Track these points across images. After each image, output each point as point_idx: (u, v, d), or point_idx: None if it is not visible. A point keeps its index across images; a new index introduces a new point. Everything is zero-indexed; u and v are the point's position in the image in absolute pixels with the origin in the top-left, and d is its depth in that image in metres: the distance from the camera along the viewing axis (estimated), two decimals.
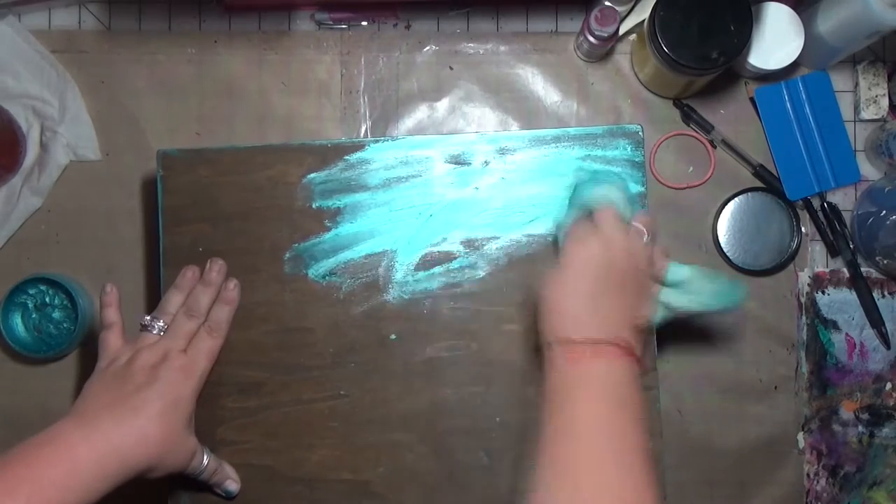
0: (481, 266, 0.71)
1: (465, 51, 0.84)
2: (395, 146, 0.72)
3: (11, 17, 0.82)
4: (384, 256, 0.71)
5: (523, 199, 0.72)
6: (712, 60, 0.73)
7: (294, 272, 0.71)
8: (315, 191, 0.71)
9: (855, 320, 0.83)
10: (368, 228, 0.71)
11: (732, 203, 0.83)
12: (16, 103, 0.81)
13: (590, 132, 0.72)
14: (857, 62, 0.84)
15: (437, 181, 0.72)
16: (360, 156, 0.72)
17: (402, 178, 0.72)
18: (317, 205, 0.71)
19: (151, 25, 0.84)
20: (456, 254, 0.71)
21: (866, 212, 0.81)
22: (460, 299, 0.71)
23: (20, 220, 0.81)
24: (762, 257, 0.82)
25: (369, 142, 0.72)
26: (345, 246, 0.71)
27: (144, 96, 0.83)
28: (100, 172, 0.82)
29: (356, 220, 0.71)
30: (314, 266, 0.71)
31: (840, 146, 0.82)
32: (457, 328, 0.71)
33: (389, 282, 0.71)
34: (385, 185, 0.72)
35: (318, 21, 0.84)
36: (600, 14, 0.75)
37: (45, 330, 0.80)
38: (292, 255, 0.71)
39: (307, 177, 0.71)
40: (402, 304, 0.71)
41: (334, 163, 0.72)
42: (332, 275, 0.71)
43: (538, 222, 0.71)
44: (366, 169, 0.72)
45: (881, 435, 0.82)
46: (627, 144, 0.72)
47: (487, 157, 0.72)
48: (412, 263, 0.71)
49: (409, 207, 0.71)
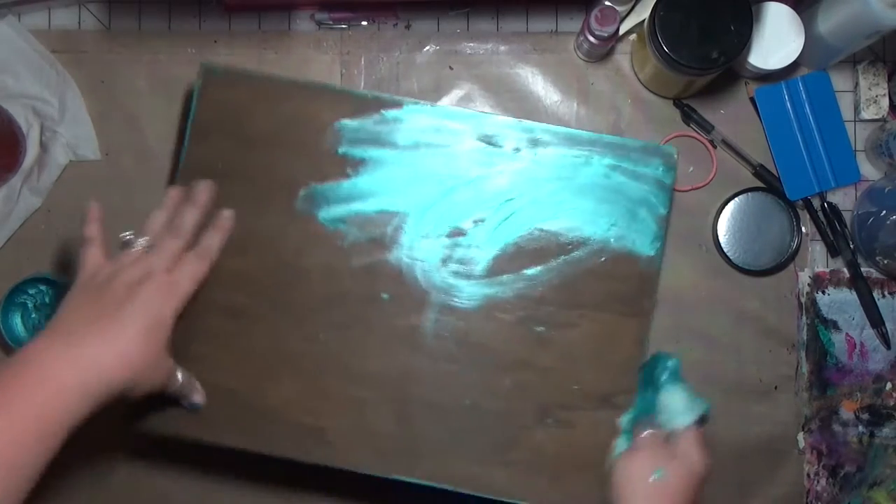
0: (488, 249, 0.71)
1: (465, 51, 0.84)
2: (432, 112, 0.72)
3: (11, 17, 0.82)
4: (395, 217, 0.71)
5: (544, 195, 0.71)
6: (712, 60, 0.73)
7: (304, 211, 0.70)
8: (344, 137, 0.71)
9: (855, 320, 0.83)
10: (387, 186, 0.71)
11: (732, 203, 0.83)
12: (16, 103, 0.81)
13: (625, 143, 0.71)
14: (858, 62, 0.84)
15: (465, 156, 0.71)
16: (396, 114, 0.71)
17: (432, 144, 0.71)
18: (342, 151, 0.71)
19: (151, 25, 0.84)
20: (465, 231, 0.71)
21: (866, 212, 0.81)
22: (459, 277, 0.71)
23: (20, 220, 0.81)
24: (762, 257, 0.82)
25: (408, 102, 0.72)
26: (360, 197, 0.71)
27: (144, 96, 0.83)
28: (100, 172, 0.82)
29: (376, 175, 0.71)
30: (325, 209, 0.70)
31: (840, 146, 0.82)
32: (448, 303, 0.70)
33: (395, 242, 0.70)
34: (413, 147, 0.71)
35: (318, 21, 0.84)
36: (600, 14, 0.75)
37: (41, 327, 0.79)
38: (307, 194, 0.70)
39: (339, 122, 0.71)
40: (402, 267, 0.70)
41: (369, 114, 0.71)
42: (340, 222, 0.70)
43: (554, 221, 0.71)
44: (398, 127, 0.71)
45: (881, 435, 0.82)
46: (660, 165, 0.71)
47: (519, 143, 0.71)
48: (421, 230, 0.71)
49: (430, 175, 0.71)
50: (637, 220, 0.71)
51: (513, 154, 0.72)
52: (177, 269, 0.65)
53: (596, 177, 0.71)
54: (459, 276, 0.71)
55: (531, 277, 0.71)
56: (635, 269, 0.71)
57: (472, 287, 0.71)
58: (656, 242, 0.71)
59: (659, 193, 0.71)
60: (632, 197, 0.71)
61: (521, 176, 0.72)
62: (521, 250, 0.71)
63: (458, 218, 0.71)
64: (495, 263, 0.71)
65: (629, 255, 0.71)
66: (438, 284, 0.70)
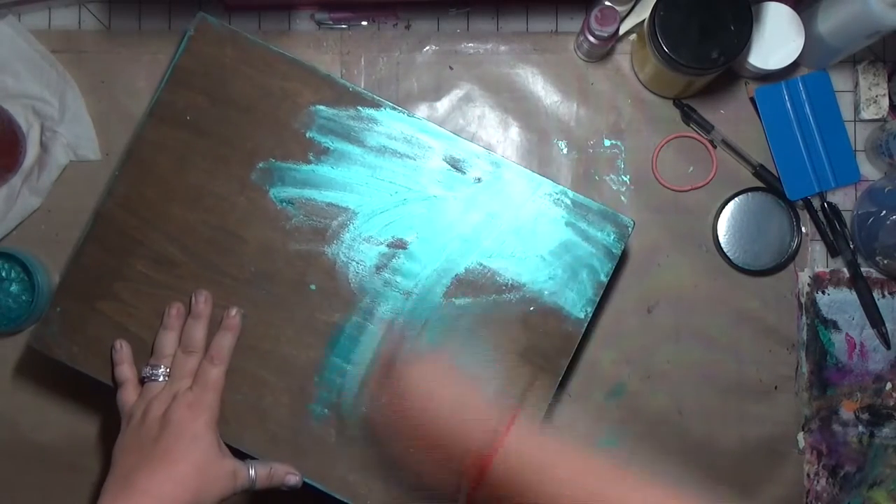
0: (425, 268, 0.71)
1: (465, 51, 0.84)
2: (408, 122, 0.72)
3: (11, 16, 0.82)
4: (344, 212, 0.71)
5: (493, 231, 0.71)
6: (712, 60, 0.73)
7: (259, 183, 0.71)
8: (316, 122, 0.71)
9: (855, 320, 0.83)
10: (344, 181, 0.71)
11: (732, 203, 0.83)
12: (16, 103, 0.81)
13: (586, 203, 0.71)
14: (857, 62, 0.84)
15: (427, 173, 0.71)
16: (372, 113, 0.71)
17: (398, 153, 0.71)
18: (310, 135, 0.71)
19: (151, 25, 0.84)
20: (407, 245, 0.71)
21: (866, 212, 0.81)
22: (390, 287, 0.71)
23: (19, 220, 0.81)
24: (762, 257, 0.82)
25: (387, 105, 0.72)
26: (315, 185, 0.71)
27: (144, 96, 0.83)
28: (100, 172, 0.82)
29: (337, 168, 0.71)
30: (279, 187, 0.71)
31: (840, 146, 0.82)
32: (372, 310, 0.70)
33: (336, 237, 0.71)
34: (379, 150, 0.71)
35: (318, 21, 0.84)
36: (600, 14, 0.75)
37: (3, 303, 0.80)
38: (265, 167, 0.71)
39: (316, 106, 0.71)
40: (337, 262, 0.71)
41: (346, 107, 0.71)
42: (290, 203, 0.71)
43: (497, 259, 0.71)
44: (371, 127, 0.71)
45: (881, 435, 0.82)
46: (612, 232, 0.71)
47: (483, 174, 0.71)
48: (365, 232, 0.71)
49: (389, 182, 0.71)
50: (576, 281, 0.70)
51: (473, 183, 0.71)
52: (197, 385, 0.68)
53: (549, 227, 0.71)
54: (390, 287, 0.71)
55: (459, 307, 0.70)
56: (561, 327, 0.70)
57: (399, 301, 0.71)
58: (588, 307, 0.70)
59: (604, 260, 0.70)
60: (578, 256, 0.70)
61: (477, 207, 0.71)
62: (457, 278, 0.71)
63: (404, 230, 0.71)
64: (428, 283, 0.71)
65: (559, 312, 0.70)
66: (367, 289, 0.71)
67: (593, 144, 0.83)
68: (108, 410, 0.71)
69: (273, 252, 0.71)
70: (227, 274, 0.70)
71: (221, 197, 0.71)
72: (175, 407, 0.65)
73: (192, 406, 0.66)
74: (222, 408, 0.68)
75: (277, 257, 0.71)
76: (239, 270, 0.71)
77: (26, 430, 0.81)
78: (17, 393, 0.81)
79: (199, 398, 0.67)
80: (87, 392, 0.79)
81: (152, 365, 0.68)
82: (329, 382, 0.70)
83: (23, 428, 0.81)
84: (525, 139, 0.83)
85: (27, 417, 0.81)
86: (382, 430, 0.67)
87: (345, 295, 0.71)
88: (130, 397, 0.68)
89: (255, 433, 0.69)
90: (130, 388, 0.68)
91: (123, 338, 0.70)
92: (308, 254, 0.71)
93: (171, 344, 0.69)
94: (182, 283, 0.70)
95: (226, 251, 0.71)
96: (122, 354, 0.69)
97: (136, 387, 0.69)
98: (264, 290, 0.70)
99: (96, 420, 0.81)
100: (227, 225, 0.71)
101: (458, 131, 0.83)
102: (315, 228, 0.71)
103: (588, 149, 0.83)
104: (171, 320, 0.70)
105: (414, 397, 0.62)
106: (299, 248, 0.71)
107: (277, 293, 0.70)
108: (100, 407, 0.80)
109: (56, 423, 0.81)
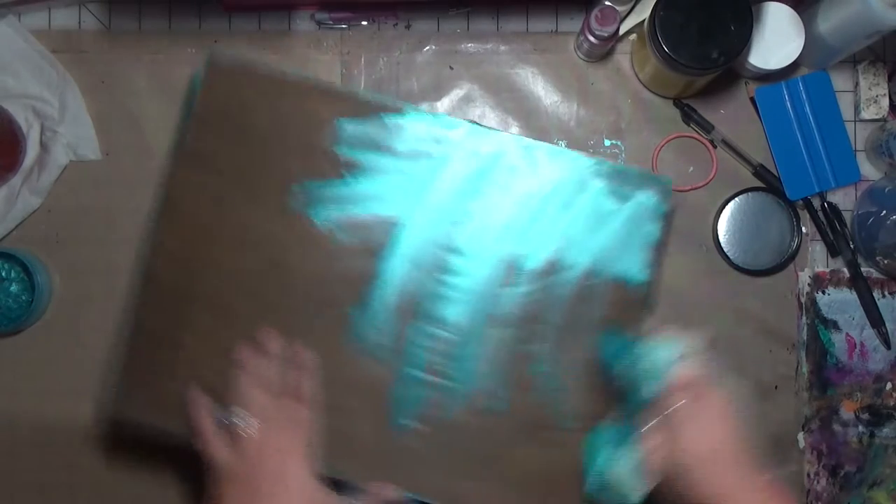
0: (480, 264, 0.70)
1: (465, 51, 0.84)
2: (433, 121, 0.71)
3: (11, 17, 0.82)
4: (388, 223, 0.70)
5: (540, 213, 0.71)
6: (712, 60, 0.73)
7: (298, 208, 0.70)
8: (343, 137, 0.71)
9: (855, 320, 0.83)
10: (382, 191, 0.70)
11: (732, 203, 0.83)
12: (16, 103, 0.81)
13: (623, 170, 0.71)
14: (858, 62, 0.84)
15: (463, 168, 0.71)
16: (397, 119, 0.71)
17: (431, 155, 0.71)
18: (340, 150, 0.70)
19: (151, 25, 0.84)
20: (457, 245, 0.70)
21: (866, 212, 0.81)
22: (450, 288, 0.70)
23: (19, 220, 0.81)
24: (762, 257, 0.82)
25: (409, 108, 0.71)
26: (354, 199, 0.70)
27: (144, 96, 0.83)
28: (100, 172, 0.82)
29: (372, 179, 0.70)
30: (318, 208, 0.70)
31: (840, 146, 0.82)
32: (436, 314, 0.70)
33: (386, 249, 0.70)
34: (412, 155, 0.71)
35: (318, 21, 0.84)
36: (600, 14, 0.75)
37: (4, 304, 0.80)
38: (301, 190, 0.70)
39: (339, 120, 0.71)
40: (391, 273, 0.70)
41: (370, 117, 0.71)
42: (332, 222, 0.70)
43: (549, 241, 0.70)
44: (398, 133, 0.71)
45: (881, 435, 0.82)
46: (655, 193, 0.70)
47: (518, 160, 0.71)
48: (413, 239, 0.70)
49: (426, 185, 0.71)
50: (630, 247, 0.71)
51: (510, 171, 0.71)
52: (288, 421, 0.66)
53: (592, 199, 0.71)
54: (450, 288, 0.70)
55: (523, 295, 0.70)
56: (624, 295, 0.70)
57: (462, 300, 0.70)
58: (646, 269, 0.71)
59: (653, 221, 0.71)
60: (627, 222, 0.71)
61: (517, 193, 0.71)
62: (513, 268, 0.70)
63: (451, 230, 0.71)
64: (487, 279, 0.70)
65: (618, 281, 0.70)
66: (426, 293, 0.70)
67: (593, 144, 0.83)
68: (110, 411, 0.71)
69: (324, 275, 0.70)
70: (282, 305, 0.69)
71: (264, 230, 0.70)
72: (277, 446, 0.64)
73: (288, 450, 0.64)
74: None
75: (330, 279, 0.70)
76: (293, 299, 0.70)
77: (27, 430, 0.81)
78: (17, 393, 0.81)
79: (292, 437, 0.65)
80: (87, 392, 0.79)
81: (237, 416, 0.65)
82: (407, 394, 0.69)
83: (23, 428, 0.81)
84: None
85: (27, 417, 0.81)
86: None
87: (406, 304, 0.70)
88: (223, 451, 0.64)
89: (346, 459, 0.68)
90: (216, 438, 0.65)
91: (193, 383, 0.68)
92: (359, 270, 0.70)
93: (254, 392, 0.66)
94: (239, 323, 0.69)
95: (280, 283, 0.70)
96: (200, 404, 0.67)
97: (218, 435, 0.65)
98: (323, 316, 0.70)
99: (96, 420, 0.81)
100: (276, 257, 0.70)
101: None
102: (363, 243, 0.70)
103: (588, 149, 0.83)
104: (245, 363, 0.67)
105: None
106: (350, 266, 0.70)
107: (336, 316, 0.70)
108: (102, 407, 0.80)
109: (56, 424, 0.81)
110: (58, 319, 0.81)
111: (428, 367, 0.70)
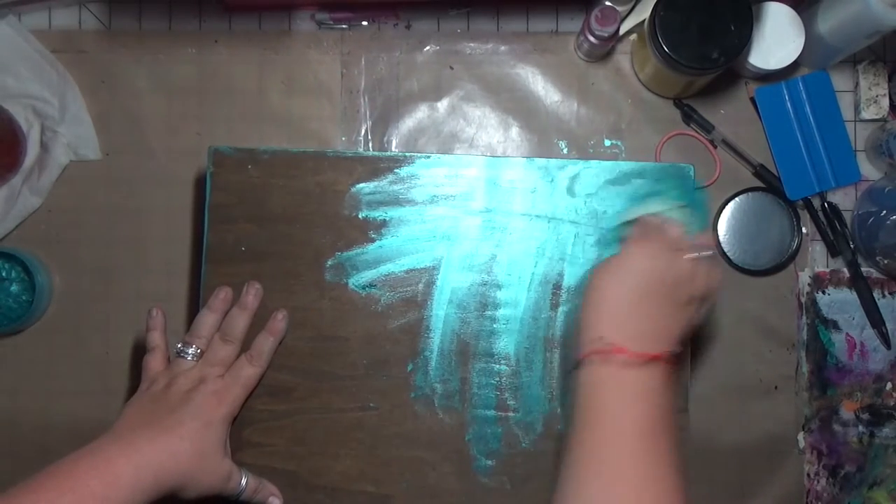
0: (522, 294, 0.71)
1: (465, 51, 0.84)
2: (444, 163, 0.72)
3: (11, 16, 0.82)
4: (425, 272, 0.71)
5: (570, 229, 0.71)
6: (712, 60, 0.73)
7: (335, 280, 0.71)
8: (363, 201, 0.71)
9: (855, 320, 0.83)
10: (412, 243, 0.71)
11: (732, 203, 0.83)
12: (16, 103, 0.81)
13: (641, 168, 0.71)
14: (858, 62, 0.84)
15: (484, 202, 0.71)
16: (409, 170, 0.72)
17: (450, 196, 0.72)
18: (363, 215, 0.71)
19: (151, 25, 0.84)
20: (496, 277, 0.71)
21: (867, 212, 0.81)
22: (498, 322, 0.70)
23: (19, 220, 0.81)
24: (762, 257, 0.82)
25: (418, 157, 0.72)
26: (387, 258, 0.71)
27: (144, 96, 0.83)
28: (100, 172, 0.82)
29: (400, 234, 0.71)
30: (355, 276, 0.71)
31: (840, 146, 0.82)
32: (490, 350, 0.70)
33: (429, 298, 0.71)
34: (431, 201, 0.72)
35: (318, 21, 0.84)
36: (600, 14, 0.75)
37: (4, 304, 0.80)
38: (335, 263, 0.71)
39: (356, 186, 0.71)
40: (439, 322, 0.70)
41: (384, 175, 0.71)
42: (372, 286, 0.71)
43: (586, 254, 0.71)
44: (414, 184, 0.72)
45: (881, 435, 0.82)
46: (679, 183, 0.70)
47: (536, 183, 0.71)
48: (452, 282, 0.71)
49: (451, 226, 0.71)
50: None
51: (531, 193, 0.72)
52: (228, 375, 0.67)
53: (618, 203, 0.71)
54: (498, 322, 0.71)
55: (568, 314, 0.70)
56: None
57: (514, 329, 0.71)
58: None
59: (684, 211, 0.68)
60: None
61: (543, 215, 0.72)
62: (555, 288, 0.71)
63: (487, 264, 0.71)
64: (535, 304, 0.71)
65: None
66: (478, 332, 0.71)
67: (594, 144, 0.83)
68: (111, 412, 0.71)
69: (376, 338, 0.70)
70: (343, 377, 0.70)
71: (306, 308, 0.70)
72: (202, 389, 0.65)
73: (218, 394, 0.65)
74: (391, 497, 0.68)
75: (383, 342, 0.70)
76: (352, 369, 0.70)
77: (27, 430, 0.81)
78: (17, 393, 0.81)
79: (228, 389, 0.66)
80: (88, 392, 0.79)
81: (186, 342, 0.68)
82: (484, 434, 0.70)
83: (23, 428, 0.81)
84: (525, 139, 0.83)
85: (28, 417, 0.81)
86: None
87: (460, 349, 0.70)
88: (157, 364, 0.68)
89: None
90: (159, 355, 0.68)
91: (272, 477, 0.68)
92: (409, 325, 0.70)
93: (209, 326, 0.69)
94: (304, 403, 0.70)
95: (332, 357, 0.70)
96: (156, 321, 0.69)
97: (164, 356, 0.68)
98: (384, 377, 0.70)
99: (97, 420, 0.81)
100: (323, 331, 0.70)
101: (459, 132, 0.83)
102: (405, 299, 0.71)
103: (588, 149, 0.83)
104: (217, 303, 0.69)
105: None
106: (399, 324, 0.71)
107: (397, 374, 0.70)
108: (102, 408, 0.80)
109: (57, 424, 0.81)
110: (58, 319, 0.82)
111: (498, 404, 0.70)
